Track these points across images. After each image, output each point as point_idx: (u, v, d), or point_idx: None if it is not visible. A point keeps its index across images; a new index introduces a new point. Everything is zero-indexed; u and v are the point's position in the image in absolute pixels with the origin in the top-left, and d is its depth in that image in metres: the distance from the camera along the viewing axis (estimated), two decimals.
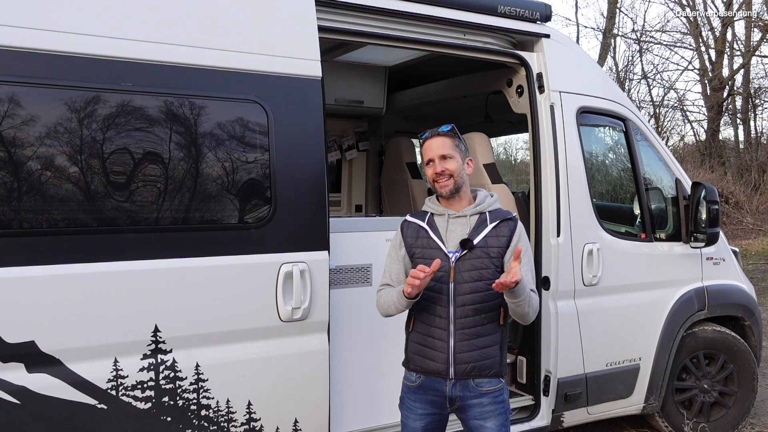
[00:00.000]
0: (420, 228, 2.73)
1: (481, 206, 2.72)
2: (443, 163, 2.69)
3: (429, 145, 2.74)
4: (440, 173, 2.68)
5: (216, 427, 2.91)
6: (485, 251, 2.63)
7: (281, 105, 3.01)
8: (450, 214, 2.71)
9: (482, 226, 2.67)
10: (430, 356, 2.65)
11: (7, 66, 2.51)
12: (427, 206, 2.81)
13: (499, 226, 2.68)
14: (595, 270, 3.94)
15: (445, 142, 2.72)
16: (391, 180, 5.51)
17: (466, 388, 2.63)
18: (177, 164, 2.80)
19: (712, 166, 19.03)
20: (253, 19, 3.00)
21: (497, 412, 2.65)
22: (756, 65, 24.80)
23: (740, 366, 4.58)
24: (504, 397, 2.69)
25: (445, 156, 2.69)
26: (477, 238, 2.64)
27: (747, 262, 11.73)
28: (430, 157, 2.72)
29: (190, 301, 2.83)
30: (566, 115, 3.93)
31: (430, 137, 2.75)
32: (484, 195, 2.78)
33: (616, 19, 20.39)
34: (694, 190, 4.32)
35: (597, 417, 4.18)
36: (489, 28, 3.80)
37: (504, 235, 2.67)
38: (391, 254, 2.81)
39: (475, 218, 2.70)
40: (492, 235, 2.66)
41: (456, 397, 2.64)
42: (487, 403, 2.63)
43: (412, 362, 2.71)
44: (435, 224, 2.72)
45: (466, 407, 2.66)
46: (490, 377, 2.64)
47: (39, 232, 2.57)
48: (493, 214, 2.72)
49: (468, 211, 2.71)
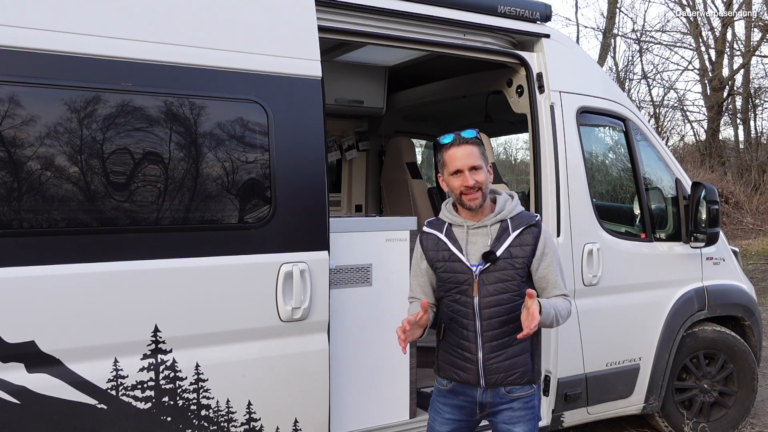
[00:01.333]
0: (439, 240, 2.63)
1: (501, 214, 2.59)
2: (474, 175, 2.52)
3: (455, 154, 2.55)
4: (471, 186, 2.51)
5: (216, 427, 2.91)
6: (509, 262, 2.53)
7: (281, 105, 3.01)
8: (469, 225, 2.59)
9: (504, 235, 2.55)
10: (460, 367, 2.61)
11: (7, 66, 2.51)
12: (444, 215, 2.68)
13: (522, 234, 2.56)
14: (595, 270, 3.94)
15: (473, 151, 2.54)
16: (391, 180, 5.51)
17: (497, 395, 2.59)
18: (177, 164, 2.80)
19: (712, 166, 19.02)
20: (253, 19, 3.00)
21: (527, 417, 2.60)
22: (756, 65, 24.85)
23: (740, 366, 4.57)
24: (534, 403, 2.63)
25: (474, 167, 2.52)
26: (500, 249, 2.53)
27: (747, 262, 11.73)
28: (459, 168, 2.53)
29: (190, 301, 2.83)
30: (566, 115, 3.93)
31: (456, 144, 2.56)
32: (504, 200, 2.64)
33: (616, 19, 20.41)
34: (694, 190, 4.32)
35: (597, 417, 4.18)
36: (489, 28, 3.79)
37: (528, 244, 2.55)
38: (414, 267, 2.73)
39: (497, 227, 2.58)
40: (516, 245, 2.54)
41: (486, 402, 2.61)
42: (517, 408, 2.59)
43: (443, 371, 2.68)
44: (454, 235, 2.60)
45: (496, 413, 2.62)
46: (522, 384, 2.59)
47: (39, 232, 2.57)
48: (515, 220, 2.59)
49: (488, 221, 2.58)
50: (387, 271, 3.42)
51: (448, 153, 2.58)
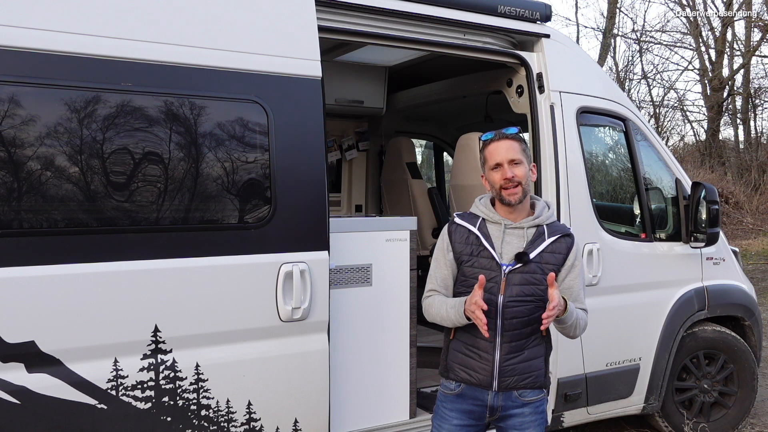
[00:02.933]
0: (470, 233, 2.58)
1: (539, 219, 2.58)
2: (513, 168, 2.52)
3: (496, 148, 2.55)
4: (510, 179, 2.50)
5: (216, 427, 2.91)
6: (540, 266, 2.52)
7: (281, 105, 3.01)
8: (507, 224, 2.57)
9: (539, 240, 2.54)
10: (473, 367, 2.56)
11: (7, 66, 2.51)
12: (478, 210, 2.64)
13: (557, 242, 2.55)
14: (595, 270, 3.94)
15: (513, 145, 2.55)
16: (391, 180, 5.51)
17: (508, 398, 2.56)
18: (177, 164, 2.80)
19: (712, 166, 19.02)
20: (253, 19, 3.00)
21: (537, 422, 2.59)
22: (756, 65, 24.80)
23: (740, 366, 4.58)
24: (544, 407, 2.63)
25: (514, 160, 2.52)
26: (534, 252, 2.51)
27: (747, 262, 11.73)
28: (498, 161, 2.53)
29: (190, 301, 2.83)
30: (566, 115, 3.93)
31: (497, 140, 2.57)
32: (542, 206, 2.64)
33: (616, 19, 20.37)
34: (694, 190, 4.32)
35: (597, 417, 4.18)
36: (489, 28, 3.79)
37: (561, 252, 2.55)
38: (438, 258, 2.65)
39: (533, 231, 2.57)
40: (549, 251, 2.54)
41: (498, 406, 2.57)
42: (528, 413, 2.57)
43: (453, 372, 2.61)
44: (488, 232, 2.57)
45: (506, 417, 2.59)
46: (534, 388, 2.58)
47: (39, 232, 2.57)
48: (550, 227, 2.58)
49: (526, 222, 2.57)
50: (387, 271, 3.42)
51: (489, 148, 2.59)
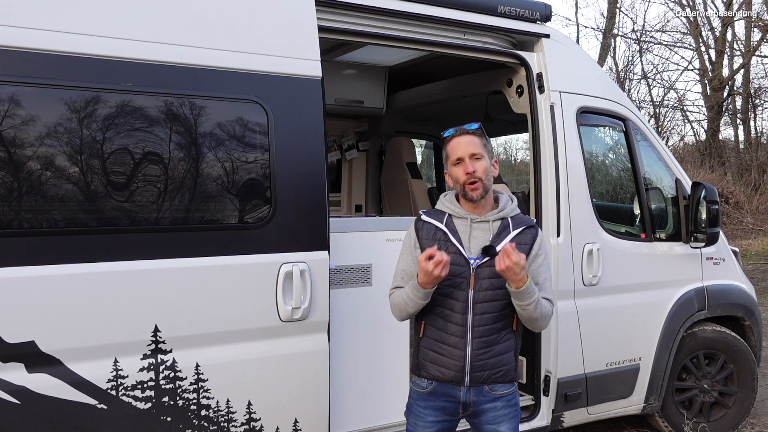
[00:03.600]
0: (437, 229, 2.60)
1: (504, 212, 2.63)
2: (474, 162, 2.55)
3: (457, 144, 2.59)
4: (471, 173, 2.53)
5: (216, 427, 2.91)
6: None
7: (281, 105, 3.01)
8: (473, 218, 2.60)
9: (505, 233, 2.58)
10: (444, 364, 2.57)
11: (7, 66, 2.51)
12: (444, 206, 2.67)
13: (522, 234, 2.59)
14: (595, 270, 3.94)
15: (473, 140, 2.58)
16: (391, 180, 5.51)
17: (480, 393, 2.58)
18: (177, 164, 2.80)
19: (712, 166, 19.02)
20: (253, 19, 3.00)
21: (510, 415, 2.61)
22: (756, 65, 24.84)
23: (740, 366, 4.57)
24: (516, 400, 2.65)
25: (475, 155, 2.56)
26: (500, 245, 2.53)
27: (747, 262, 11.73)
28: (460, 156, 2.56)
29: (190, 301, 2.83)
30: (566, 115, 3.93)
31: (458, 135, 2.60)
32: (506, 199, 2.68)
33: (616, 19, 20.39)
34: (694, 190, 4.32)
35: (597, 417, 4.18)
36: (489, 28, 3.80)
37: (526, 243, 2.58)
38: (404, 255, 2.68)
39: (498, 224, 2.61)
40: (515, 243, 2.55)
41: (470, 402, 2.59)
42: (501, 407, 2.60)
43: (424, 369, 2.62)
44: (455, 227, 2.60)
45: (479, 412, 2.61)
46: (505, 382, 2.60)
47: (39, 232, 2.57)
48: (515, 219, 2.62)
49: (491, 216, 2.61)
50: (387, 271, 3.40)
51: (450, 144, 2.62)
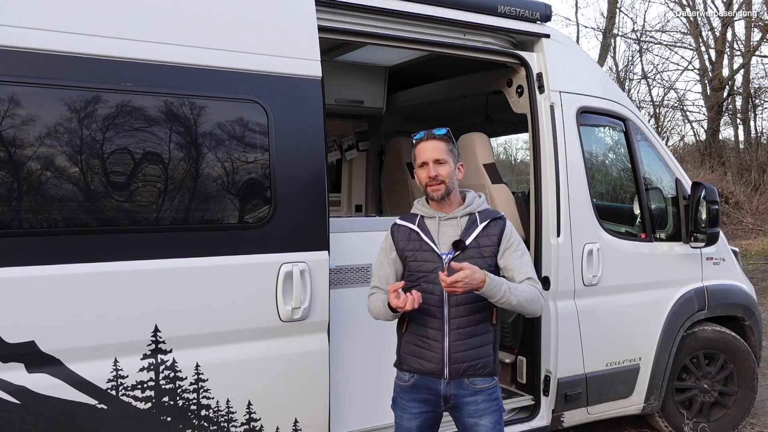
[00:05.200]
0: (411, 231, 2.75)
1: (470, 207, 2.75)
2: (437, 167, 2.68)
3: (423, 148, 2.72)
4: (433, 177, 2.67)
5: (216, 427, 2.91)
6: (478, 251, 2.67)
7: (281, 105, 3.01)
8: (441, 216, 2.74)
9: (473, 227, 2.71)
10: (424, 357, 2.67)
11: (7, 66, 2.51)
12: (416, 209, 2.82)
13: (489, 226, 2.72)
14: (595, 270, 3.94)
15: (439, 146, 2.71)
16: (391, 180, 5.51)
17: (460, 386, 2.65)
18: (177, 164, 2.80)
19: (712, 166, 19.02)
20: (253, 19, 3.00)
21: (491, 409, 2.67)
22: (756, 65, 24.84)
23: (740, 366, 4.58)
24: (497, 394, 2.72)
25: (439, 160, 2.69)
26: (469, 238, 2.68)
27: (747, 262, 11.73)
28: (424, 160, 2.71)
29: (190, 301, 2.83)
30: (566, 115, 3.93)
31: (424, 139, 2.74)
32: (472, 196, 2.81)
33: (616, 19, 20.38)
34: (694, 190, 4.32)
35: (597, 417, 4.18)
36: (489, 28, 3.80)
37: (494, 234, 2.71)
38: (381, 258, 2.82)
39: (466, 219, 2.74)
40: (483, 235, 2.70)
41: (450, 395, 2.66)
42: (481, 401, 2.66)
43: (406, 363, 2.73)
44: (426, 226, 2.75)
45: (460, 405, 2.68)
46: (484, 376, 2.66)
47: (39, 232, 2.57)
48: (482, 214, 2.75)
49: (458, 212, 2.74)
50: None
51: (418, 147, 2.75)
